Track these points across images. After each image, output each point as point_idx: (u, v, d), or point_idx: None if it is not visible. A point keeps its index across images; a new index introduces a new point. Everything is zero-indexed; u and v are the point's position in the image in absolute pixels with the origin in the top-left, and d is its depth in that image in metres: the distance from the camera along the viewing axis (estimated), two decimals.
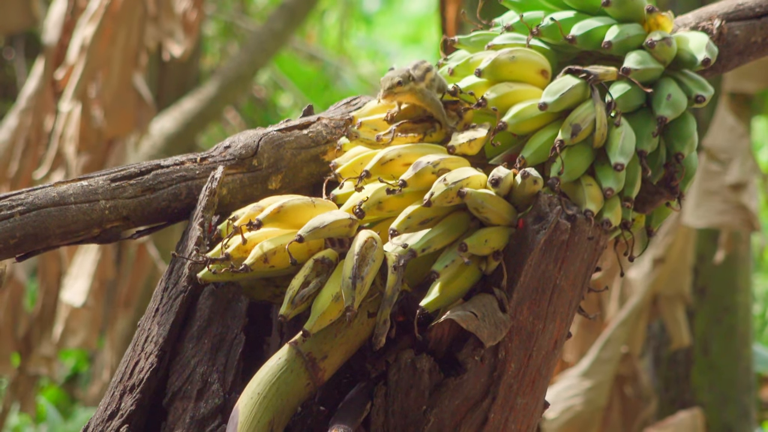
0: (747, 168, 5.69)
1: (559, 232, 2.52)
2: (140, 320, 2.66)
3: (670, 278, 5.90)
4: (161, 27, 6.24)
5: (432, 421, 2.48)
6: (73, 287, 6.19)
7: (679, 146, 2.66)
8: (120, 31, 6.17)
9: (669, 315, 5.93)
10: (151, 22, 6.21)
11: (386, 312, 2.47)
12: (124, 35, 6.18)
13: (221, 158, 2.75)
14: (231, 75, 8.91)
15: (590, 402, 5.76)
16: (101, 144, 6.20)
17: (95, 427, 2.59)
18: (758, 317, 10.05)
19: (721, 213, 5.67)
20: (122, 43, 6.19)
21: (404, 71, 2.63)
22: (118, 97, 6.20)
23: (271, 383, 2.46)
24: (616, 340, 5.82)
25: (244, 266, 2.50)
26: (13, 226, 2.58)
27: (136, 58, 6.21)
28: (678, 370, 6.21)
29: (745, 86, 5.86)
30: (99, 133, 6.16)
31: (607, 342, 5.80)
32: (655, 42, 2.67)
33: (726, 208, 5.66)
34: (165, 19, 6.26)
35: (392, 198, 2.56)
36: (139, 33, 6.20)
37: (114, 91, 6.19)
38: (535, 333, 2.53)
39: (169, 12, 6.27)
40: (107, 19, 6.16)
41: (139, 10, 6.19)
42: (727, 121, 5.75)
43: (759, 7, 2.93)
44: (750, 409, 6.25)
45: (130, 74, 6.21)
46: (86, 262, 6.20)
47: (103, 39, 6.16)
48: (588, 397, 5.75)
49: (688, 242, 5.88)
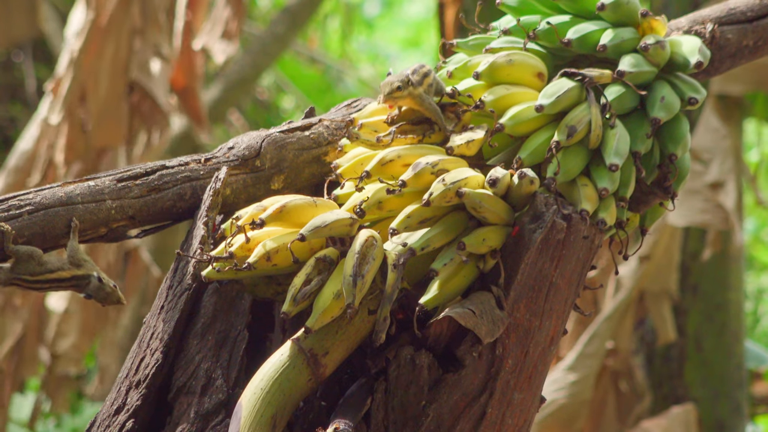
0: (726, 168, 5.71)
1: (555, 232, 2.54)
2: (146, 317, 2.68)
3: (656, 275, 5.91)
4: (147, 40, 6.26)
5: (431, 416, 2.50)
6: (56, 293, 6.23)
7: (672, 147, 2.68)
8: (108, 44, 6.19)
9: (655, 311, 5.93)
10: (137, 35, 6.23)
11: (386, 309, 2.49)
12: (113, 48, 6.20)
13: (225, 159, 2.77)
14: (234, 78, 8.93)
15: (575, 395, 5.76)
16: (90, 153, 6.22)
17: (102, 421, 2.61)
18: (750, 314, 10.05)
19: (702, 212, 5.69)
20: (110, 55, 6.21)
21: (403, 76, 2.64)
22: (106, 108, 6.22)
23: (274, 379, 2.47)
24: (601, 335, 5.82)
25: (247, 264, 2.51)
26: (22, 226, 2.60)
27: (125, 70, 6.23)
28: (671, 367, 6.23)
29: (731, 89, 5.89)
30: (87, 143, 6.19)
31: (593, 337, 5.81)
32: (649, 45, 2.69)
33: (706, 206, 5.68)
34: (150, 33, 6.28)
35: (392, 198, 2.58)
36: (128, 46, 6.22)
37: (102, 102, 6.21)
38: (531, 330, 2.55)
39: (156, 25, 6.30)
40: (94, 33, 6.19)
41: (127, 24, 6.21)
42: (712, 122, 5.77)
43: (750, 11, 2.94)
44: (742, 404, 6.27)
45: (120, 86, 6.23)
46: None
47: (90, 52, 6.19)
48: (572, 391, 5.75)
49: (673, 240, 5.88)
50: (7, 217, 2.60)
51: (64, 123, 6.22)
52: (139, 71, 6.25)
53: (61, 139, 6.22)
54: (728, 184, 5.69)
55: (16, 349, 6.35)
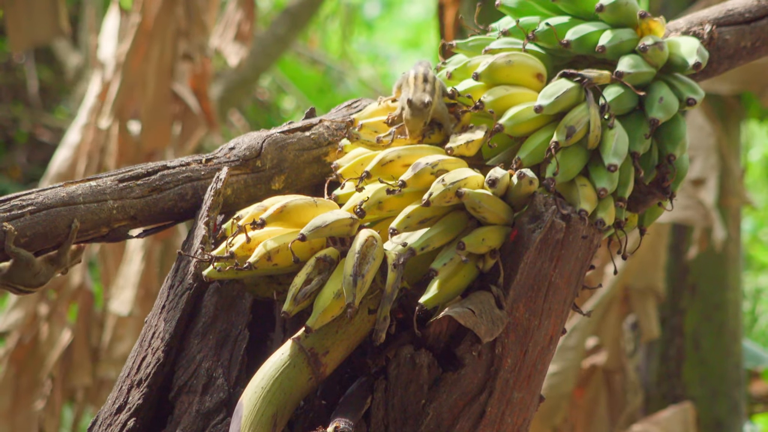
0: (709, 165, 5.73)
1: (554, 231, 2.55)
2: (147, 317, 2.69)
3: (641, 272, 5.91)
4: (192, 42, 6.29)
5: (431, 415, 2.51)
6: (120, 297, 6.24)
7: (670, 147, 2.69)
8: (153, 47, 6.22)
9: (640, 308, 5.94)
10: (182, 37, 6.26)
11: (386, 309, 2.49)
12: (158, 51, 6.24)
13: (226, 159, 2.78)
14: (235, 78, 8.95)
15: (554, 388, 5.76)
16: (140, 157, 6.24)
17: (104, 420, 2.62)
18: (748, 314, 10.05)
19: (684, 208, 5.70)
20: (156, 58, 6.24)
21: (423, 104, 2.63)
22: (154, 111, 6.25)
23: (275, 378, 2.48)
24: (583, 330, 5.83)
25: (248, 264, 2.52)
26: (24, 225, 2.61)
27: (170, 73, 6.26)
28: (670, 366, 6.24)
29: (719, 88, 5.90)
30: (137, 147, 6.22)
31: (573, 330, 5.81)
32: (648, 46, 2.70)
33: (689, 203, 5.70)
34: (195, 34, 6.32)
35: (392, 198, 2.59)
36: (173, 48, 6.25)
37: (150, 105, 6.24)
38: (531, 329, 2.56)
39: (200, 26, 6.33)
40: (140, 37, 6.22)
41: (172, 26, 6.24)
42: (697, 120, 5.79)
43: (748, 12, 2.95)
44: (740, 403, 6.28)
45: (166, 88, 6.26)
46: (131, 272, 6.25)
47: (137, 55, 6.22)
48: (551, 383, 5.75)
49: (659, 237, 5.89)
50: (9, 216, 2.60)
51: (114, 127, 6.26)
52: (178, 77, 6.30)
53: (112, 143, 6.24)
54: (710, 181, 5.71)
55: (65, 357, 6.35)
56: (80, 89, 9.32)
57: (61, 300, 6.33)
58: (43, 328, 6.34)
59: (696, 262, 6.20)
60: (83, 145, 6.30)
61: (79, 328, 6.34)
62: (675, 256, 6.27)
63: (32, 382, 6.34)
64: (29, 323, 6.32)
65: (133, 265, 6.26)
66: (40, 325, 6.33)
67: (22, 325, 6.30)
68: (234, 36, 6.65)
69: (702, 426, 6.17)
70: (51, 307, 6.33)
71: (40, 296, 6.30)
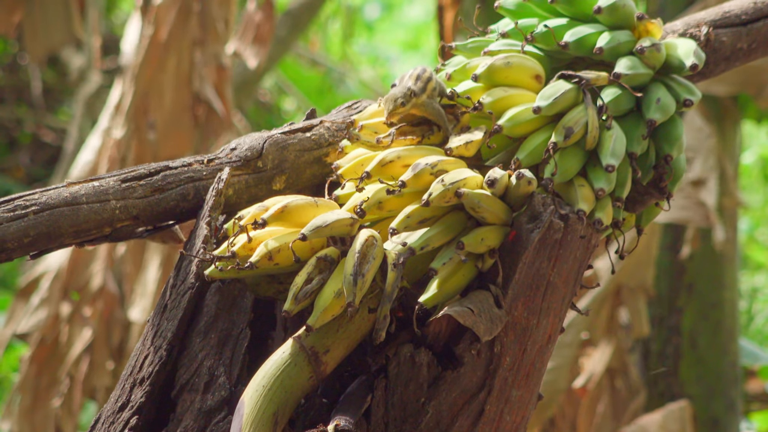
0: (708, 166, 5.74)
1: (552, 231, 2.56)
2: (149, 316, 2.70)
3: (633, 270, 5.92)
4: (206, 51, 6.31)
5: (430, 413, 2.52)
6: (139, 305, 6.26)
7: (667, 148, 2.70)
8: (169, 57, 6.24)
9: (631, 305, 5.95)
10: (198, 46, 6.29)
11: (386, 308, 2.50)
12: (174, 60, 6.26)
13: (227, 160, 2.79)
14: (237, 80, 8.95)
15: (548, 384, 5.76)
16: None
17: (106, 418, 2.63)
18: (744, 313, 10.07)
19: (682, 209, 5.71)
20: (173, 68, 6.26)
21: (405, 89, 2.64)
22: (172, 120, 6.26)
23: (276, 376, 2.49)
24: (576, 326, 5.84)
25: (249, 264, 2.52)
26: (27, 225, 2.62)
27: (189, 82, 6.28)
28: (667, 364, 6.25)
29: (715, 89, 5.91)
30: (155, 156, 6.24)
31: (569, 327, 5.82)
32: (645, 48, 2.72)
33: (687, 204, 5.71)
34: (210, 43, 6.34)
35: (392, 198, 2.59)
36: (190, 58, 6.28)
37: (167, 114, 6.25)
38: (529, 328, 2.57)
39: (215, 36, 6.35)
40: (154, 47, 6.24)
41: (188, 36, 6.26)
42: (696, 121, 5.80)
43: (745, 14, 2.96)
44: (736, 402, 6.29)
45: (185, 97, 6.28)
46: (148, 280, 6.27)
47: (151, 66, 6.24)
48: (547, 379, 5.75)
49: (652, 236, 5.90)
50: (12, 216, 2.62)
51: (132, 136, 6.27)
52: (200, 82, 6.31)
53: (130, 152, 6.26)
54: (710, 181, 5.72)
55: (85, 357, 6.36)
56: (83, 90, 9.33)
57: (83, 301, 6.34)
58: (64, 329, 6.35)
59: (693, 261, 6.21)
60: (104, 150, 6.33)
61: (100, 329, 6.36)
62: (672, 255, 6.29)
63: (52, 381, 6.36)
64: (51, 324, 6.33)
65: (150, 273, 6.27)
66: (61, 326, 6.35)
67: (44, 326, 6.31)
68: (253, 38, 6.67)
69: (699, 424, 6.18)
70: (74, 308, 6.34)
71: (63, 296, 6.32)
